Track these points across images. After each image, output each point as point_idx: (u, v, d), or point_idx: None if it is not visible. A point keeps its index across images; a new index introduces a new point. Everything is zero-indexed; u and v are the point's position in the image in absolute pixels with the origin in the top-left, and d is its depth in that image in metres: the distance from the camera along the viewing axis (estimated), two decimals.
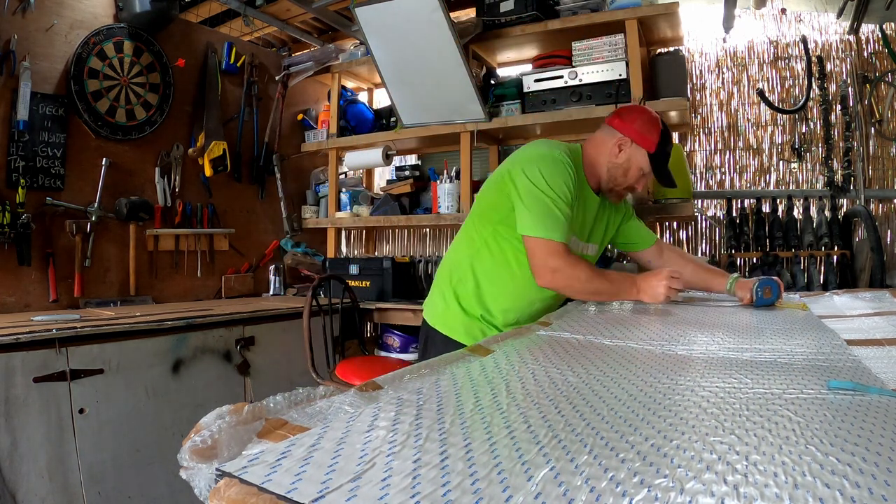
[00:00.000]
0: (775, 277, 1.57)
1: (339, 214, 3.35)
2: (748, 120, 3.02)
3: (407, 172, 3.28)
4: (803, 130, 2.89)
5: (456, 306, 1.56)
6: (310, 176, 3.62)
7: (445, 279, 1.61)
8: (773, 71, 2.99)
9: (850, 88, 2.81)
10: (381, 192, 3.37)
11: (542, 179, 1.44)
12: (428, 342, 1.63)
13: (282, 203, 3.36)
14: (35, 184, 2.29)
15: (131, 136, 2.62)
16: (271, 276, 3.21)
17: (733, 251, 2.83)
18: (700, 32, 3.09)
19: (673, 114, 2.62)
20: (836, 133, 2.83)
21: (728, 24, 2.70)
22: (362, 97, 3.68)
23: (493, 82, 2.98)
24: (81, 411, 1.79)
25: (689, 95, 2.91)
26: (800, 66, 2.93)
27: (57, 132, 2.36)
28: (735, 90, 3.05)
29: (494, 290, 1.54)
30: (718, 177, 3.06)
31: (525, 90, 2.78)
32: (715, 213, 3.04)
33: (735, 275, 1.69)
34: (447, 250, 1.73)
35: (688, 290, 1.83)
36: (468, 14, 3.07)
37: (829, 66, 2.87)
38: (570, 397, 0.67)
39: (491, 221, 1.54)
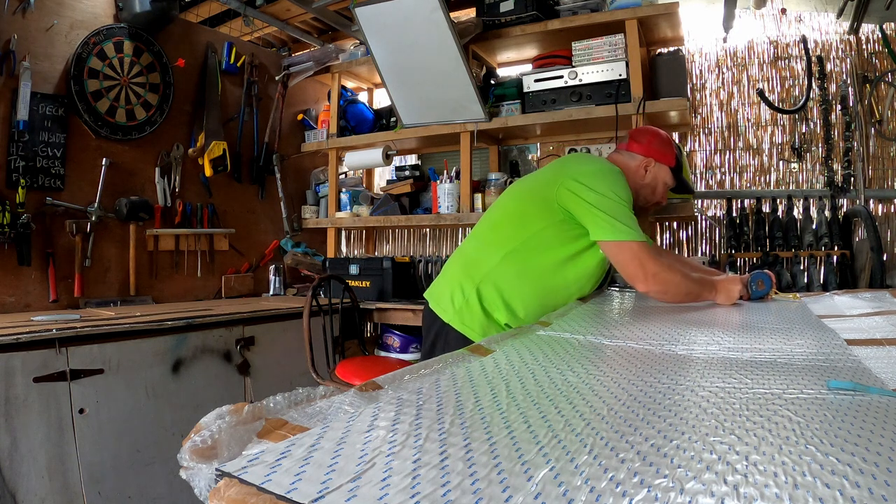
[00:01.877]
0: (766, 271, 1.70)
1: (339, 214, 3.35)
2: (748, 120, 3.02)
3: (407, 172, 3.28)
4: (803, 130, 2.89)
5: (478, 306, 1.54)
6: (310, 176, 3.62)
7: (467, 276, 1.58)
8: (773, 71, 2.99)
9: (850, 88, 2.81)
10: (381, 192, 3.37)
11: (611, 190, 1.49)
12: (438, 338, 1.61)
13: (282, 203, 3.36)
14: (35, 184, 2.29)
15: (131, 136, 2.62)
16: (271, 276, 3.21)
17: (733, 251, 2.83)
18: (700, 32, 3.09)
19: (673, 114, 2.61)
20: (836, 133, 2.83)
21: (728, 24, 2.70)
22: (362, 97, 3.68)
23: (493, 82, 2.98)
24: (81, 411, 1.79)
25: (689, 95, 2.91)
26: (800, 66, 2.92)
27: (57, 132, 2.36)
28: (735, 90, 3.05)
29: (524, 294, 1.54)
30: (718, 177, 3.06)
31: (525, 90, 2.78)
32: (715, 213, 3.04)
33: (729, 273, 1.83)
34: (464, 242, 1.73)
35: None
36: (468, 14, 3.07)
37: (829, 66, 2.87)
38: (570, 397, 0.67)
39: (531, 226, 1.55)
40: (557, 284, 1.55)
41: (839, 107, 2.83)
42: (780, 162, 2.94)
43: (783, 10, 2.95)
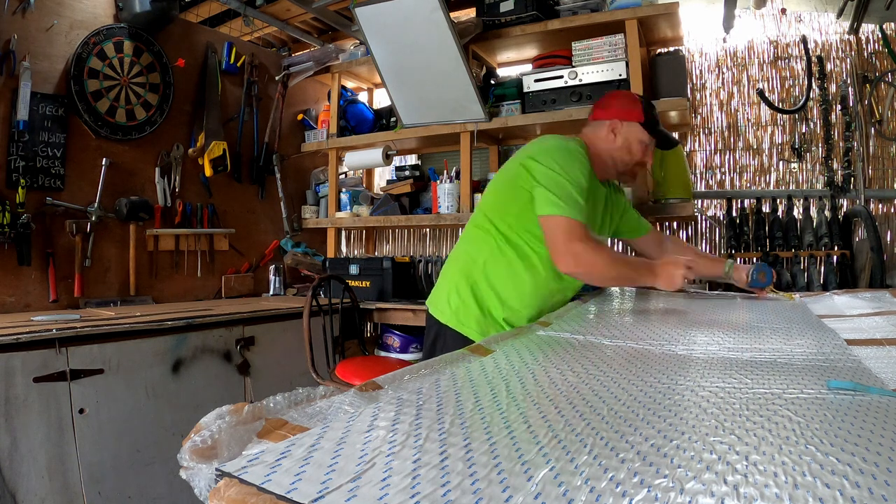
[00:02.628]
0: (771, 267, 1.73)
1: (339, 214, 3.35)
2: (748, 120, 3.02)
3: (407, 172, 3.28)
4: (803, 130, 2.89)
5: (473, 304, 1.54)
6: (310, 176, 3.62)
7: (461, 276, 1.59)
8: (773, 71, 2.99)
9: (850, 88, 2.81)
10: (381, 192, 3.37)
11: (558, 166, 1.46)
12: (437, 339, 1.61)
13: (282, 203, 3.36)
14: (35, 184, 2.29)
15: (131, 136, 2.62)
16: (271, 276, 3.21)
17: (733, 251, 2.83)
18: (700, 32, 3.09)
19: (673, 114, 2.61)
20: (836, 133, 2.83)
21: (728, 24, 2.70)
22: (362, 97, 3.68)
23: (493, 82, 2.98)
24: (81, 411, 1.79)
25: (689, 95, 2.91)
26: (800, 66, 2.92)
27: (57, 132, 2.36)
28: (735, 90, 3.05)
29: (515, 285, 1.53)
30: (718, 177, 3.06)
31: (525, 90, 2.77)
32: (715, 213, 3.04)
33: (731, 260, 1.81)
34: (456, 245, 1.72)
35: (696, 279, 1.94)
36: (468, 14, 3.07)
37: (829, 66, 2.87)
38: (570, 397, 0.67)
39: (508, 214, 1.55)
40: (548, 269, 1.52)
41: (839, 107, 2.83)
42: (780, 162, 2.94)
43: (783, 10, 2.95)
